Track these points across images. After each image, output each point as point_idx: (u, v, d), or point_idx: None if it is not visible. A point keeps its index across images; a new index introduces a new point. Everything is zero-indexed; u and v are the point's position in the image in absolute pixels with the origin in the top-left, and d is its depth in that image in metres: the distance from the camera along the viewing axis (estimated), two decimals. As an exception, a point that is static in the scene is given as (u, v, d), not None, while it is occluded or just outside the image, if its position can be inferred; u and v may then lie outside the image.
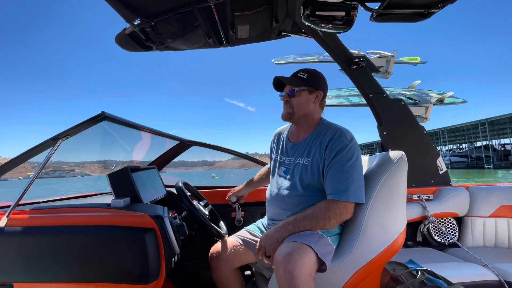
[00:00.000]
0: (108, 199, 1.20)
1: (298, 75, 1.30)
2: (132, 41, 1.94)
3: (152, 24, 1.74)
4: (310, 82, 1.29)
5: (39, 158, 1.19)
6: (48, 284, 1.00)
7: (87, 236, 1.00)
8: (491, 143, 34.73)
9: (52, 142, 1.15)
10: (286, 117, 1.31)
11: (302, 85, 1.28)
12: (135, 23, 1.72)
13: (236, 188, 1.76)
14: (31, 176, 1.09)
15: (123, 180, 1.25)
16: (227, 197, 1.76)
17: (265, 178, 1.69)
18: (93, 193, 1.79)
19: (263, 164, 2.29)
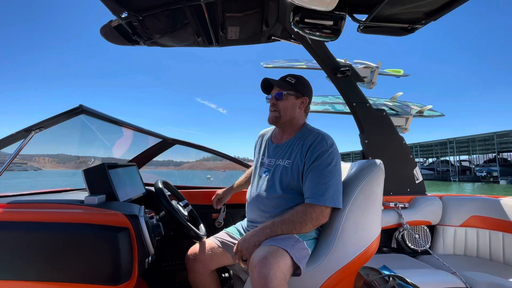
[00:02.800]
0: (83, 195, 1.15)
1: (287, 79, 1.32)
2: (118, 34, 1.89)
3: (140, 18, 1.70)
4: (298, 87, 1.32)
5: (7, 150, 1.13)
6: (13, 282, 0.95)
7: (57, 233, 0.95)
8: (455, 159, 40.41)
9: (24, 133, 1.09)
10: (273, 120, 1.32)
11: (290, 89, 1.30)
12: (122, 16, 1.68)
13: (220, 193, 1.71)
14: None
15: (99, 176, 1.20)
16: (213, 202, 1.70)
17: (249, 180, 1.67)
18: (67, 189, 1.71)
19: (247, 166, 2.28)
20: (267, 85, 1.37)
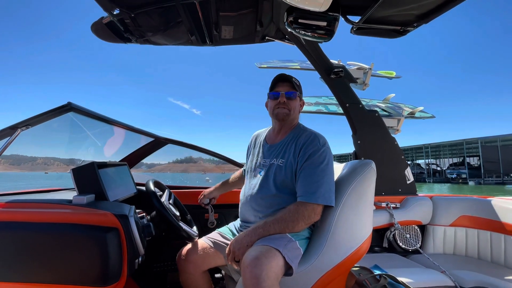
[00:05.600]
0: (72, 195, 1.12)
1: (293, 80, 1.34)
2: (109, 31, 1.86)
3: (132, 15, 1.68)
4: (300, 90, 1.37)
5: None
6: None
7: (43, 233, 0.93)
8: (425, 162, 45.46)
9: (10, 131, 1.06)
10: (284, 117, 1.32)
11: (297, 90, 1.33)
12: (114, 12, 1.65)
13: (207, 190, 1.74)
14: None
15: (88, 175, 1.18)
16: (199, 199, 1.72)
17: (239, 181, 1.69)
18: (56, 188, 1.67)
19: (238, 165, 2.27)
20: (279, 81, 1.35)
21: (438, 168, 45.05)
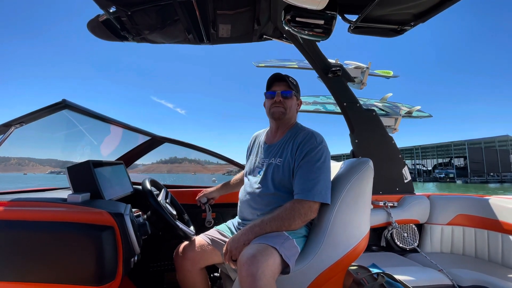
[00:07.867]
0: (67, 194, 1.11)
1: (289, 79, 1.35)
2: (106, 29, 1.84)
3: (129, 13, 1.67)
4: (297, 89, 1.37)
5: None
6: None
7: (38, 232, 0.91)
8: (413, 163, 47.57)
9: (4, 128, 1.05)
10: (279, 115, 1.32)
11: (293, 89, 1.34)
12: (110, 10, 1.64)
13: (208, 190, 1.74)
14: None
15: (83, 174, 1.16)
16: (197, 198, 1.72)
17: (240, 183, 1.69)
18: (51, 188, 1.66)
19: (240, 166, 2.26)
20: (274, 80, 1.37)
21: (424, 168, 47.49)
